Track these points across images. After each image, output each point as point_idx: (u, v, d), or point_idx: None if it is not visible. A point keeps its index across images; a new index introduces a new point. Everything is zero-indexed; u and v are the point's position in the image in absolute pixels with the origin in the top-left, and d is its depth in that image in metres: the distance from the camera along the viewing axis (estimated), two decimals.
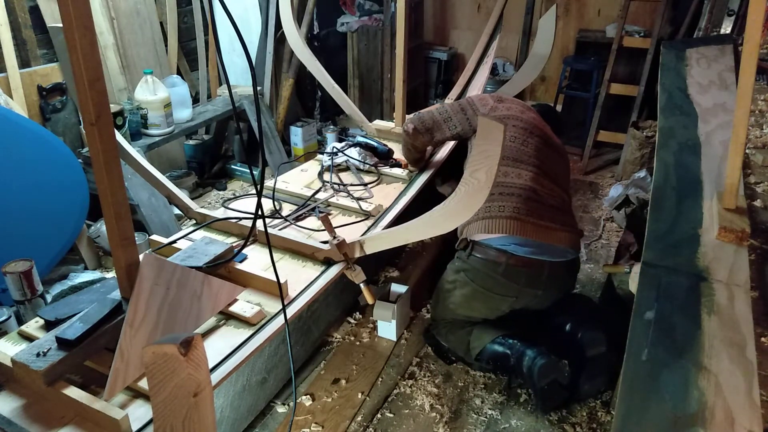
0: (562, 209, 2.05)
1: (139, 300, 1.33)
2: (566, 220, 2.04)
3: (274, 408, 1.92)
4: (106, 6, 2.89)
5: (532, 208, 1.96)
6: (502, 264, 1.91)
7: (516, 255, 1.90)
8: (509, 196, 1.96)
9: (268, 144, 3.54)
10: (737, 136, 1.42)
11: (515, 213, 1.93)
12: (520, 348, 1.93)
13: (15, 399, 1.27)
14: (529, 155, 2.06)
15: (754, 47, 1.32)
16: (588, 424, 1.89)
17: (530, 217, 1.94)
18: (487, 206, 1.95)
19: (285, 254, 1.86)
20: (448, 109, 2.25)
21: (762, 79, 2.39)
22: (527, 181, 2.00)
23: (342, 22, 4.33)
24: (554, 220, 1.98)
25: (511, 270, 1.91)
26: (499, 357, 1.97)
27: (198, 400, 0.98)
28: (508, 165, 2.02)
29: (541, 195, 2.00)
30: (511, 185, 1.98)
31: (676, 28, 3.69)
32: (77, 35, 1.06)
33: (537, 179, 2.02)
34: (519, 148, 2.07)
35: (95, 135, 1.15)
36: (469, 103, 2.25)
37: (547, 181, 2.05)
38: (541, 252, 1.92)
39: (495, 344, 1.98)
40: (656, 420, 1.00)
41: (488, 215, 1.95)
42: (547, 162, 2.10)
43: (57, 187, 2.34)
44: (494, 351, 1.98)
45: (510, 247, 1.90)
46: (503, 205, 1.94)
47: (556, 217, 2.00)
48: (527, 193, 1.97)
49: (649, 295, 1.26)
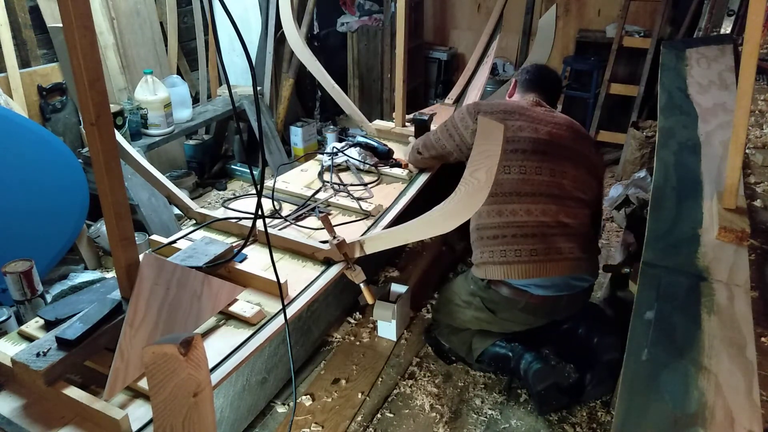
0: (578, 233, 1.92)
1: (139, 300, 1.33)
2: (585, 245, 1.94)
3: (274, 408, 1.92)
4: (106, 6, 2.89)
5: (550, 244, 1.87)
6: (522, 302, 1.91)
7: (536, 295, 1.90)
8: (524, 238, 1.87)
9: (268, 144, 3.54)
10: (737, 136, 1.42)
11: (533, 256, 1.85)
12: (520, 351, 1.97)
13: (15, 399, 1.27)
14: (531, 183, 1.89)
15: (754, 47, 1.32)
16: (588, 424, 1.89)
17: (549, 255, 1.86)
18: (502, 250, 1.88)
19: (285, 254, 1.86)
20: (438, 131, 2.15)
21: (762, 79, 2.39)
22: (538, 216, 1.88)
23: (342, 22, 4.33)
24: (573, 251, 1.89)
25: (530, 307, 1.92)
26: (500, 359, 2.00)
27: (198, 400, 0.98)
28: (514, 202, 1.89)
29: (555, 226, 1.89)
30: (522, 224, 1.87)
31: (676, 28, 3.69)
32: (77, 35, 1.06)
33: (548, 209, 1.88)
34: (518, 178, 1.89)
35: (95, 135, 1.15)
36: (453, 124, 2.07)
37: (560, 207, 1.90)
38: (561, 288, 1.91)
39: (497, 347, 2.01)
40: (656, 420, 1.00)
41: (505, 260, 1.88)
42: (554, 177, 1.91)
43: (57, 187, 2.34)
44: (496, 353, 2.01)
45: (530, 288, 1.89)
46: (519, 249, 1.86)
47: (575, 245, 1.90)
48: (541, 229, 1.87)
49: (649, 295, 1.26)
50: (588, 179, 2.00)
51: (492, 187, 1.73)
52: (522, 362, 1.94)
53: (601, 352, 1.95)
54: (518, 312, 1.94)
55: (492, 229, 1.90)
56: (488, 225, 1.91)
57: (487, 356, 2.02)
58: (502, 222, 1.88)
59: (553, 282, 1.89)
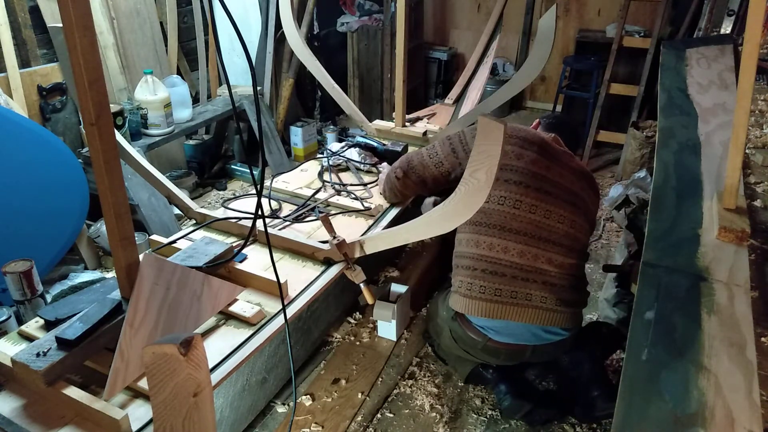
0: (557, 283, 1.79)
1: (139, 300, 1.33)
2: (564, 297, 1.79)
3: (274, 408, 1.92)
4: (106, 6, 2.89)
5: (518, 288, 1.76)
6: (482, 343, 1.85)
7: (493, 339, 1.82)
8: (492, 275, 1.77)
9: (268, 144, 3.54)
10: (737, 136, 1.42)
11: (496, 296, 1.76)
12: (496, 379, 1.95)
13: (15, 399, 1.27)
14: (521, 220, 1.77)
15: (754, 47, 1.32)
16: (588, 424, 1.89)
17: (515, 299, 1.76)
18: (469, 283, 1.80)
19: (285, 254, 1.86)
20: (438, 151, 1.98)
21: (762, 79, 2.39)
22: (514, 256, 1.76)
23: (342, 22, 4.33)
24: (544, 301, 1.76)
25: (490, 349, 1.85)
26: (483, 380, 2.01)
27: (198, 400, 0.98)
28: (494, 235, 1.78)
29: (531, 271, 1.77)
30: (495, 261, 1.77)
31: (676, 28, 3.69)
32: (77, 35, 1.06)
33: (527, 251, 1.77)
34: (509, 212, 1.77)
35: (95, 135, 1.15)
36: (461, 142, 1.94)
37: (544, 251, 1.78)
38: (524, 337, 1.81)
39: (477, 369, 2.00)
40: (656, 420, 1.00)
41: (469, 294, 1.80)
42: (548, 219, 1.79)
43: (57, 187, 2.34)
44: (478, 374, 2.01)
45: (488, 332, 1.82)
46: (485, 285, 1.77)
47: (549, 296, 1.77)
48: (512, 271, 1.76)
49: (649, 295, 1.26)
50: (586, 227, 1.89)
51: (479, 215, 1.69)
52: (495, 394, 1.94)
53: (597, 408, 1.85)
54: (480, 351, 1.87)
55: (467, 259, 1.83)
56: (465, 254, 1.84)
57: (471, 378, 2.03)
58: (477, 254, 1.80)
59: (512, 331, 1.80)
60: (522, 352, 1.85)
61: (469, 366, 2.01)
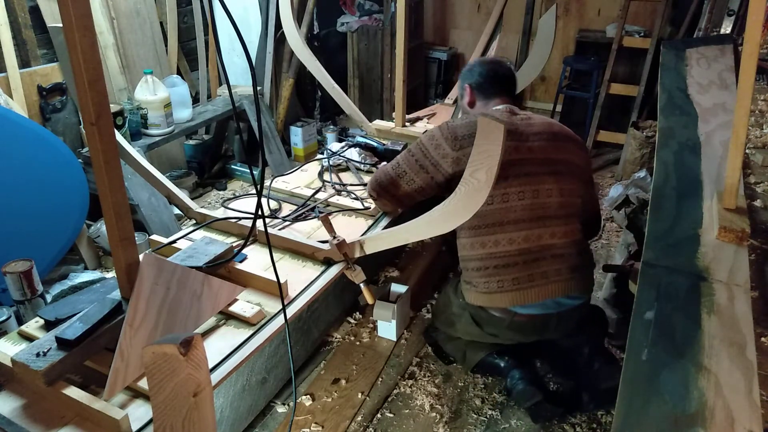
0: (565, 253, 1.82)
1: (139, 300, 1.33)
2: (574, 264, 1.83)
3: (274, 408, 1.92)
4: (106, 6, 2.89)
5: (533, 270, 1.80)
6: (507, 320, 1.86)
7: (522, 314, 1.84)
8: (505, 268, 1.80)
9: (268, 144, 3.54)
10: (737, 136, 1.42)
11: (515, 284, 1.79)
12: (510, 365, 1.96)
13: (15, 399, 1.27)
14: (515, 210, 1.78)
15: (754, 47, 1.32)
16: (588, 424, 1.89)
17: (533, 282, 1.79)
18: (485, 282, 1.82)
19: (285, 254, 1.86)
20: (405, 169, 1.90)
21: (762, 79, 2.39)
22: (521, 243, 1.79)
23: (342, 22, 4.33)
24: (559, 273, 1.81)
25: (516, 324, 1.87)
26: (494, 368, 2.02)
27: (198, 400, 0.98)
28: (497, 232, 1.80)
29: (539, 250, 1.80)
30: (504, 255, 1.79)
31: (676, 28, 3.69)
32: (77, 35, 1.06)
33: (531, 235, 1.79)
34: (501, 208, 1.79)
35: (95, 135, 1.15)
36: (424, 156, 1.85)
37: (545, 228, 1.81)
38: (548, 307, 1.84)
39: (489, 357, 2.01)
40: (656, 420, 0.99)
41: (487, 290, 1.82)
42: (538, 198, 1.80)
43: (57, 187, 2.34)
44: (489, 362, 2.01)
45: (516, 308, 1.84)
46: (502, 279, 1.80)
47: (562, 267, 1.81)
48: (523, 257, 1.79)
49: (649, 295, 1.26)
50: (575, 187, 1.88)
51: (475, 219, 1.68)
52: (509, 379, 1.94)
53: (600, 380, 1.88)
54: (505, 329, 1.89)
55: (475, 261, 1.84)
56: (472, 257, 1.85)
57: (481, 366, 2.03)
58: (485, 254, 1.81)
59: (540, 302, 1.83)
60: (547, 323, 1.87)
61: (481, 353, 2.01)
